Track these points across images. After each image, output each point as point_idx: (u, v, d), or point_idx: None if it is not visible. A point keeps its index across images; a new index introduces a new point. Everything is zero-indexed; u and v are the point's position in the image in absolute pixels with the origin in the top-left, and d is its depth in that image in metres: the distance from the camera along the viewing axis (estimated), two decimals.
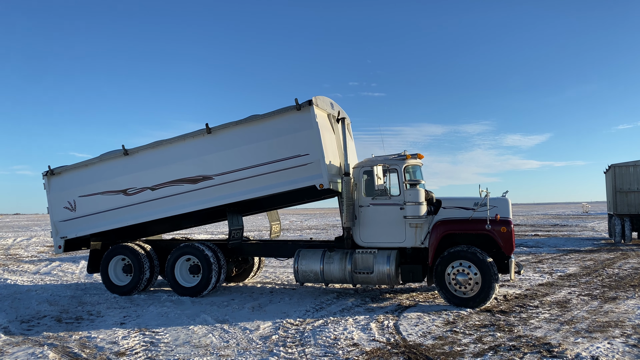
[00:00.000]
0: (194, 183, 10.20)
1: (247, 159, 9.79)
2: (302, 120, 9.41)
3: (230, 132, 10.00)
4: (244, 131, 9.90)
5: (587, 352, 6.06)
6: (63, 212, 11.30)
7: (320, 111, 9.58)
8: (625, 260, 14.96)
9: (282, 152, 9.53)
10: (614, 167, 21.19)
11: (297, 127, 9.44)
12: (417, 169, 9.95)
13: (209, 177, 10.10)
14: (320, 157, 9.22)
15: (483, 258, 8.46)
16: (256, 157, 9.72)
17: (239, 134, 9.93)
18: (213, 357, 6.20)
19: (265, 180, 9.69)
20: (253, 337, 7.03)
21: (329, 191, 9.53)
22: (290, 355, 6.17)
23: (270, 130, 9.69)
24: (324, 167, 9.20)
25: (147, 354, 6.37)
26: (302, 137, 9.39)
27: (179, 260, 10.32)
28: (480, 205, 8.86)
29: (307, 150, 9.35)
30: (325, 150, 9.25)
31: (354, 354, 6.16)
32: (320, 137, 9.23)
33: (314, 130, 9.26)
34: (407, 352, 6.20)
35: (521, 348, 6.28)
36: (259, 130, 9.80)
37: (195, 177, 10.19)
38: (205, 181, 10.12)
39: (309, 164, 9.36)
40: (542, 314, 8.16)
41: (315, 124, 9.26)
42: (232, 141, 9.97)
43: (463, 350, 6.27)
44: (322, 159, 9.21)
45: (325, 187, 9.20)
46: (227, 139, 10.03)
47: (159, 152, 10.59)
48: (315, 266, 9.56)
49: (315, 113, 9.30)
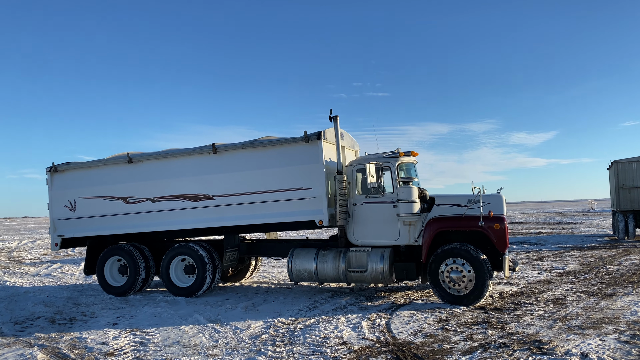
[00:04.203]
0: (195, 201, 10.22)
1: (250, 184, 9.80)
2: (309, 154, 9.44)
3: (236, 154, 10.03)
4: (250, 156, 9.93)
5: (577, 348, 5.99)
6: (63, 210, 11.34)
7: (329, 145, 9.61)
8: (627, 257, 14.82)
9: (286, 182, 9.55)
10: (617, 164, 21.00)
11: (303, 160, 9.47)
12: (411, 166, 9.89)
13: (210, 197, 10.11)
14: (323, 193, 9.26)
15: (476, 255, 8.40)
16: (259, 184, 9.74)
17: (245, 158, 9.96)
18: (201, 356, 6.19)
19: (266, 208, 9.72)
20: (243, 337, 7.01)
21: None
22: (278, 355, 6.15)
23: (276, 159, 9.72)
24: (325, 203, 9.24)
25: (136, 354, 6.37)
26: (307, 171, 9.41)
27: (173, 261, 10.32)
28: (473, 203, 8.79)
29: (311, 184, 9.38)
30: (328, 186, 9.32)
31: (341, 353, 6.13)
32: (324, 173, 9.27)
33: (319, 165, 9.29)
34: (395, 350, 6.15)
35: (511, 345, 6.21)
36: (264, 156, 9.82)
37: (196, 195, 10.21)
38: (206, 200, 10.14)
39: (311, 199, 9.39)
40: (537, 311, 8.09)
41: (322, 159, 9.29)
42: (237, 164, 9.99)
43: (452, 348, 6.21)
44: (324, 195, 9.25)
45: (325, 224, 9.26)
46: (232, 161, 10.05)
47: (163, 164, 10.62)
48: (309, 265, 9.53)
49: (323, 147, 9.33)
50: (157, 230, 10.65)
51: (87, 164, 11.28)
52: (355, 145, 11.17)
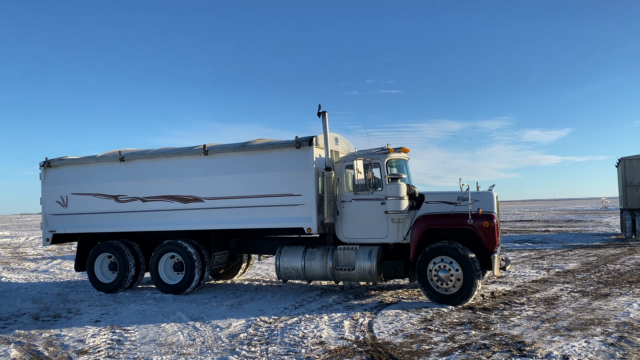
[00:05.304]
0: (184, 202, 10.14)
1: (240, 188, 9.69)
2: (300, 160, 9.30)
3: (227, 157, 9.92)
4: (241, 159, 9.81)
5: (559, 351, 5.79)
6: (55, 206, 11.33)
7: (321, 150, 9.42)
8: (631, 256, 14.47)
9: (276, 187, 9.42)
10: (624, 161, 20.54)
11: (294, 166, 9.33)
12: (402, 163, 9.71)
13: (200, 199, 10.01)
14: (313, 200, 9.11)
15: (464, 254, 8.20)
16: (249, 188, 9.62)
17: (235, 161, 9.85)
18: (174, 355, 6.09)
19: (255, 213, 9.59)
20: (221, 336, 6.90)
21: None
22: (251, 354, 6.03)
23: (266, 163, 9.59)
24: (315, 211, 9.09)
25: (109, 352, 6.29)
26: (297, 177, 9.27)
27: (162, 258, 10.25)
28: (462, 200, 8.58)
29: (301, 190, 9.23)
30: (318, 194, 9.16)
31: (316, 353, 5.99)
32: (315, 180, 9.12)
33: (310, 171, 9.15)
34: (371, 351, 6.00)
35: (491, 347, 6.03)
36: (255, 160, 9.70)
37: (186, 196, 10.13)
38: (195, 202, 10.05)
39: (301, 205, 9.25)
40: (526, 311, 7.87)
41: (313, 165, 9.13)
42: (227, 167, 9.89)
43: (431, 349, 6.04)
44: (314, 203, 9.10)
45: (314, 232, 9.12)
46: (222, 163, 9.95)
47: (154, 164, 10.56)
48: (296, 263, 9.40)
49: (314, 154, 9.17)
50: (146, 231, 10.60)
51: (79, 160, 11.25)
52: (351, 149, 10.96)
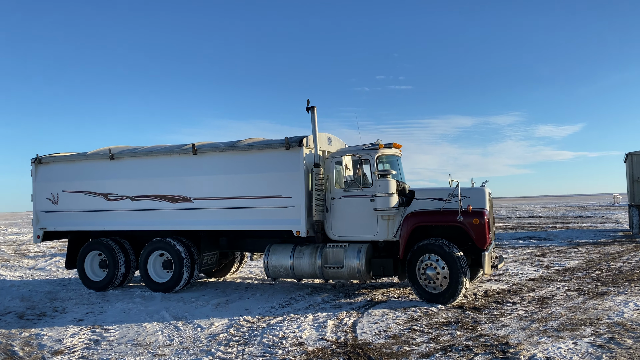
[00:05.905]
0: (173, 202, 10.02)
1: (229, 188, 9.55)
2: (290, 161, 9.13)
3: (216, 156, 9.80)
4: (230, 159, 9.67)
5: (544, 353, 5.57)
6: (46, 203, 11.27)
7: (311, 151, 9.23)
8: (635, 253, 14.12)
9: (265, 189, 9.26)
10: (632, 156, 20.10)
11: (283, 167, 9.17)
12: (393, 159, 9.50)
13: (189, 200, 9.89)
14: (302, 202, 8.94)
15: (449, 251, 7.98)
16: (237, 189, 9.48)
17: (224, 161, 9.72)
18: (149, 356, 5.96)
19: (244, 215, 9.46)
20: (201, 336, 6.76)
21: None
22: (226, 355, 5.88)
23: (255, 164, 9.44)
24: (304, 213, 8.92)
25: (84, 352, 6.18)
26: (286, 178, 9.10)
27: (151, 256, 10.14)
28: (452, 196, 8.35)
29: (290, 192, 9.07)
30: (307, 196, 8.99)
31: (292, 354, 5.82)
32: (304, 182, 8.94)
33: (299, 173, 8.97)
34: (350, 352, 5.82)
35: (474, 349, 5.82)
36: (244, 161, 9.55)
37: (175, 196, 10.00)
38: (184, 202, 9.93)
39: (289, 208, 9.08)
40: (517, 311, 7.64)
41: (303, 167, 8.95)
42: (216, 167, 9.77)
43: (412, 350, 5.85)
44: (303, 205, 8.93)
45: (302, 235, 8.97)
46: (211, 163, 9.83)
47: (144, 162, 10.46)
48: (285, 261, 9.23)
49: (304, 155, 8.99)
50: (135, 230, 10.51)
51: (70, 158, 11.17)
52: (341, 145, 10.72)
